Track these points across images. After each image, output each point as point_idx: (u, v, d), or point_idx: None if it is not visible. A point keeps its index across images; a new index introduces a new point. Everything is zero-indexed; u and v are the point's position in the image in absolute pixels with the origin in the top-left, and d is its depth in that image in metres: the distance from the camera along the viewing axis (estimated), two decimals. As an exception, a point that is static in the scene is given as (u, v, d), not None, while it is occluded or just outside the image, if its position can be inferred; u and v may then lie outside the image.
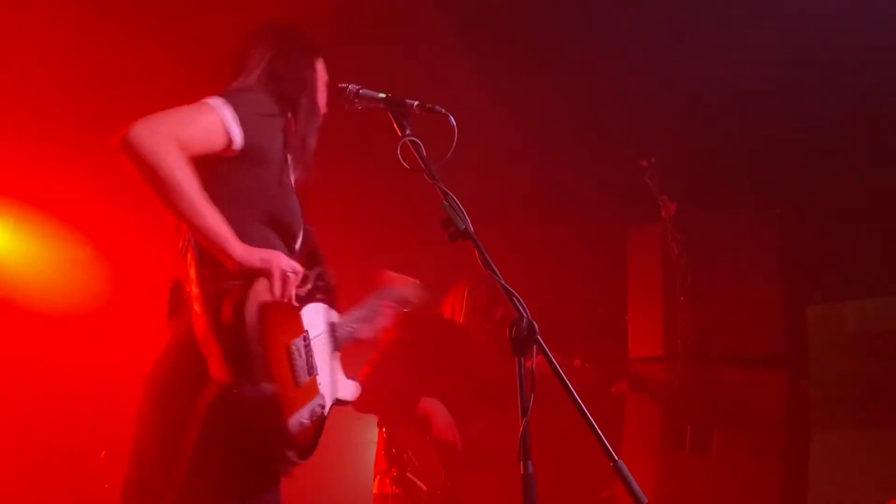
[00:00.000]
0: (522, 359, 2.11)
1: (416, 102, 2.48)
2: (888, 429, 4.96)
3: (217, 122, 2.35)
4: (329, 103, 2.72)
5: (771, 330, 4.29)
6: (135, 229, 5.08)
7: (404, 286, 3.28)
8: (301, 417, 2.33)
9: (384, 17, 4.21)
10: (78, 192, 4.95)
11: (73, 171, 4.86)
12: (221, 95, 2.42)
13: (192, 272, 2.30)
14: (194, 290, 2.28)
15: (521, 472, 2.05)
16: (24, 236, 5.09)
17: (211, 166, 2.34)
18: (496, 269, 2.22)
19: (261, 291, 2.28)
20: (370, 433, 4.61)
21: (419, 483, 4.23)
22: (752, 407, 4.17)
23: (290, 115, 2.59)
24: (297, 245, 2.61)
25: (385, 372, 4.27)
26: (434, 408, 4.32)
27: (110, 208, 5.03)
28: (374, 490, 4.38)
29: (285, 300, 2.36)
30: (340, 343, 2.75)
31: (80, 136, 4.58)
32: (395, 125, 2.46)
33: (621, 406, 4.47)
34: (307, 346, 2.44)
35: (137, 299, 5.11)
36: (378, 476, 4.37)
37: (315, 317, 2.59)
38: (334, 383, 2.66)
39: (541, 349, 2.10)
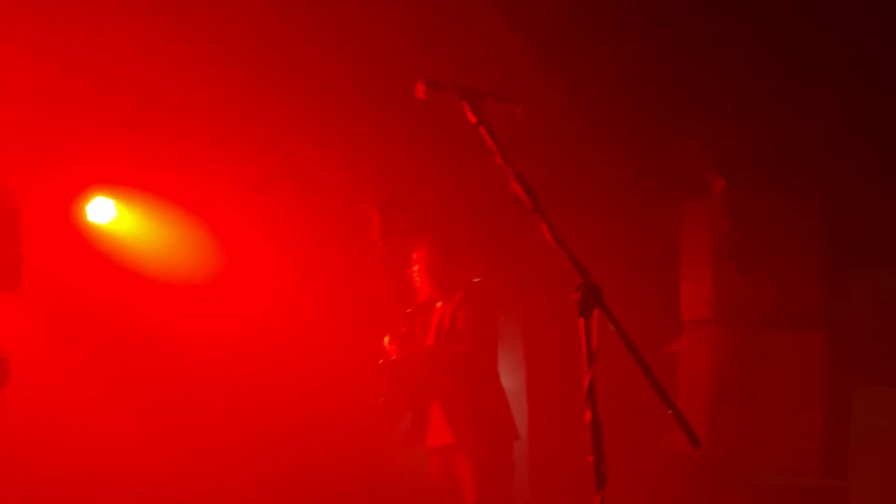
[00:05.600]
0: (587, 319, 2.28)
1: (489, 92, 2.61)
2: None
3: None
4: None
5: (812, 294, 4.68)
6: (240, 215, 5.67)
7: None
8: None
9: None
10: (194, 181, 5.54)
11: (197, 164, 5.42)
12: None
13: None
14: None
15: (588, 419, 2.21)
16: (148, 219, 5.68)
17: None
18: (565, 242, 2.54)
19: None
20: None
21: None
22: (793, 364, 4.57)
23: None
24: None
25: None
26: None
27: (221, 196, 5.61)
28: None
29: None
30: None
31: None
32: (468, 114, 2.55)
33: (674, 363, 4.90)
34: None
35: (245, 273, 5.69)
36: None
37: None
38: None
39: (605, 312, 2.29)
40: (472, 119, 2.57)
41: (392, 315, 4.76)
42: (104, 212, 5.53)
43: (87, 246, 5.52)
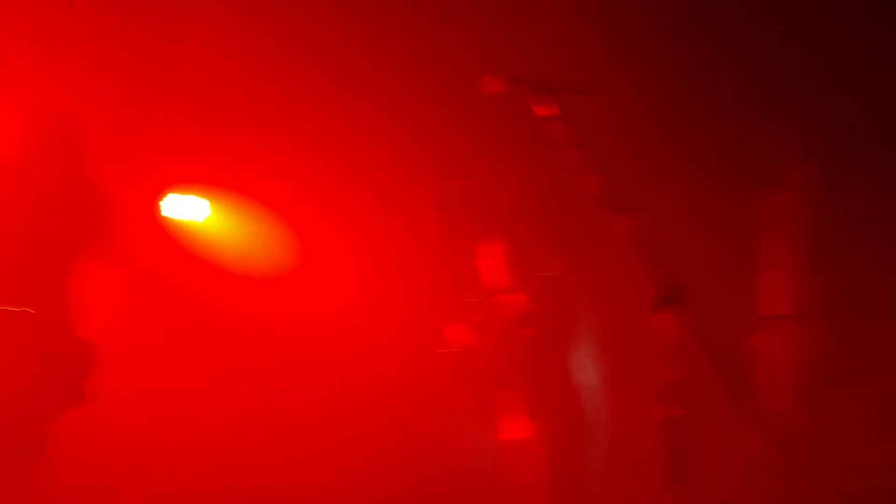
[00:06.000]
0: (666, 316, 2.37)
1: (566, 86, 2.65)
2: None
3: None
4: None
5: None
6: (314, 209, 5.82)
7: None
8: None
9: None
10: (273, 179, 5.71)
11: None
12: None
13: None
14: None
15: (666, 415, 2.32)
16: (240, 216, 5.88)
17: None
18: (644, 237, 2.48)
19: None
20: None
21: None
22: (880, 361, 4.42)
23: None
24: None
25: None
26: None
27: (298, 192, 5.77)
28: None
29: None
30: None
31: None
32: (540, 108, 2.59)
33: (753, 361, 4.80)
34: None
35: (321, 266, 5.80)
36: None
37: None
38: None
39: (684, 308, 2.36)
40: (550, 112, 2.60)
41: (462, 304, 4.82)
42: (198, 210, 5.73)
43: (180, 243, 5.73)
